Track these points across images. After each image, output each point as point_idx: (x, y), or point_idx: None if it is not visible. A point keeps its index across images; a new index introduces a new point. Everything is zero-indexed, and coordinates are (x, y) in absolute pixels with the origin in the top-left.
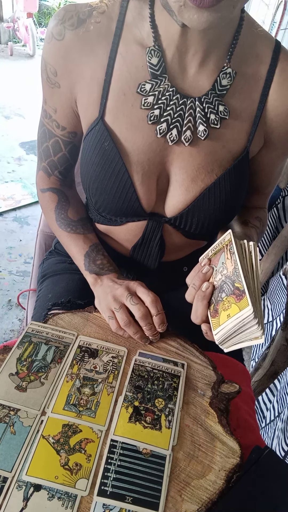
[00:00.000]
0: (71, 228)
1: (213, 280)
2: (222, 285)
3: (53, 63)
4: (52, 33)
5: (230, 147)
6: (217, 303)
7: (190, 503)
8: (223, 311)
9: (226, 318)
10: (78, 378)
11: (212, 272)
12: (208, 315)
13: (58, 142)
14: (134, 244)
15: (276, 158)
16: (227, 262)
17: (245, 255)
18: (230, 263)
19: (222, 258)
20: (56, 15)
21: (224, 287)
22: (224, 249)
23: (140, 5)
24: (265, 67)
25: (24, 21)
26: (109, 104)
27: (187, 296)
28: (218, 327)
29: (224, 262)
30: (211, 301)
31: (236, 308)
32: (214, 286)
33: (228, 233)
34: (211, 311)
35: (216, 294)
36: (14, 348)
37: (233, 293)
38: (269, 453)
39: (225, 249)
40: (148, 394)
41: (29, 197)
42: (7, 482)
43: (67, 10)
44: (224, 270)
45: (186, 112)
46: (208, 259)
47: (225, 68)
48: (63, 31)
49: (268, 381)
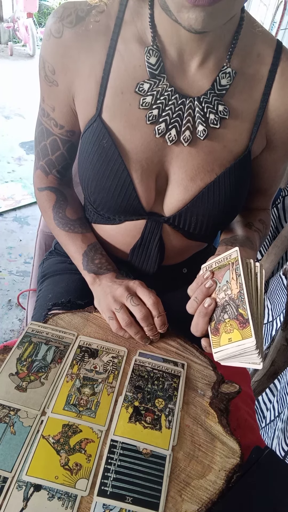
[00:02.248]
0: (69, 227)
1: (216, 296)
2: (225, 306)
3: (51, 60)
4: (51, 30)
5: (231, 147)
6: (218, 322)
7: (190, 503)
8: (224, 333)
9: (227, 342)
10: (78, 378)
11: (215, 288)
12: (209, 331)
13: (56, 141)
14: (133, 246)
15: (279, 159)
16: (232, 282)
17: (250, 277)
18: (235, 285)
19: (227, 276)
20: (54, 13)
21: (227, 308)
22: (229, 266)
23: (140, 4)
24: (266, 67)
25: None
26: (107, 101)
27: (189, 308)
28: (219, 347)
29: (229, 281)
30: (213, 317)
31: (239, 335)
32: (216, 303)
33: (235, 251)
34: (212, 328)
35: (218, 313)
36: (14, 348)
37: (236, 319)
38: (269, 453)
39: (231, 268)
40: (148, 394)
41: (29, 197)
42: (7, 482)
43: (66, 7)
44: (228, 291)
45: (185, 112)
46: (211, 272)
47: (225, 68)
48: (61, 29)
49: (268, 381)
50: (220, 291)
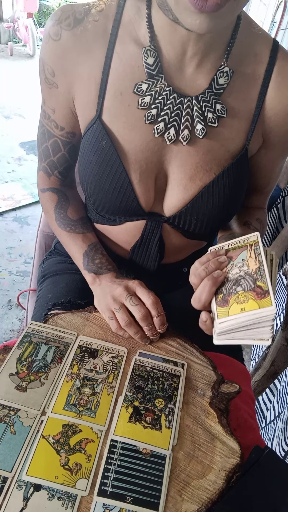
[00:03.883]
0: (70, 228)
1: (227, 272)
2: (239, 280)
3: (50, 63)
4: (49, 33)
5: (228, 146)
6: (228, 295)
7: (190, 503)
8: (235, 303)
9: (239, 311)
10: (78, 378)
11: (227, 264)
12: (213, 303)
13: (57, 142)
14: (133, 245)
15: (275, 157)
16: (249, 260)
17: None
18: (253, 262)
19: (243, 255)
20: (53, 16)
21: (241, 282)
22: (247, 247)
23: (137, 5)
24: (263, 66)
25: (24, 21)
26: (106, 103)
27: (195, 277)
28: (226, 317)
29: (246, 259)
30: (220, 291)
31: (255, 304)
32: (226, 278)
33: (255, 235)
34: (219, 300)
35: (228, 286)
36: (14, 348)
37: (253, 290)
38: (269, 453)
39: (249, 248)
40: (148, 394)
41: (29, 197)
42: (7, 482)
43: (64, 10)
44: (244, 267)
45: (183, 111)
46: (225, 251)
47: (222, 67)
48: (59, 31)
49: (268, 381)
50: (233, 268)
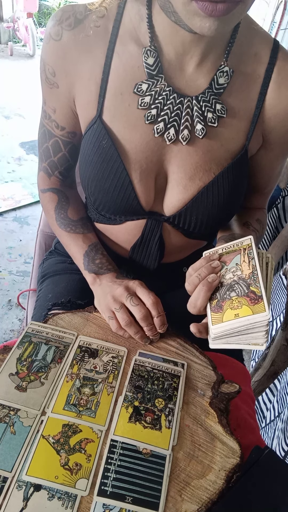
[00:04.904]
0: (71, 228)
1: (221, 276)
2: (232, 285)
3: (51, 63)
4: (50, 33)
5: (228, 146)
6: (222, 300)
7: (190, 503)
8: (229, 309)
9: (233, 317)
10: (78, 378)
11: (221, 269)
12: (208, 309)
13: (58, 142)
14: (133, 244)
15: (275, 158)
16: (243, 264)
17: (261, 265)
18: (247, 266)
19: (237, 259)
20: (53, 16)
21: (235, 287)
22: (240, 251)
23: (138, 6)
24: (263, 66)
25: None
26: (107, 103)
27: (188, 284)
28: (220, 323)
29: (239, 263)
30: (215, 296)
31: (249, 310)
32: (220, 283)
33: (249, 238)
34: (213, 306)
35: (222, 291)
36: (14, 348)
37: (247, 295)
38: (269, 453)
39: (242, 252)
40: (148, 394)
41: (29, 197)
42: (7, 482)
43: (64, 10)
44: (238, 272)
45: (183, 111)
46: (218, 255)
47: (222, 67)
48: (60, 32)
49: (268, 381)
50: (227, 272)
